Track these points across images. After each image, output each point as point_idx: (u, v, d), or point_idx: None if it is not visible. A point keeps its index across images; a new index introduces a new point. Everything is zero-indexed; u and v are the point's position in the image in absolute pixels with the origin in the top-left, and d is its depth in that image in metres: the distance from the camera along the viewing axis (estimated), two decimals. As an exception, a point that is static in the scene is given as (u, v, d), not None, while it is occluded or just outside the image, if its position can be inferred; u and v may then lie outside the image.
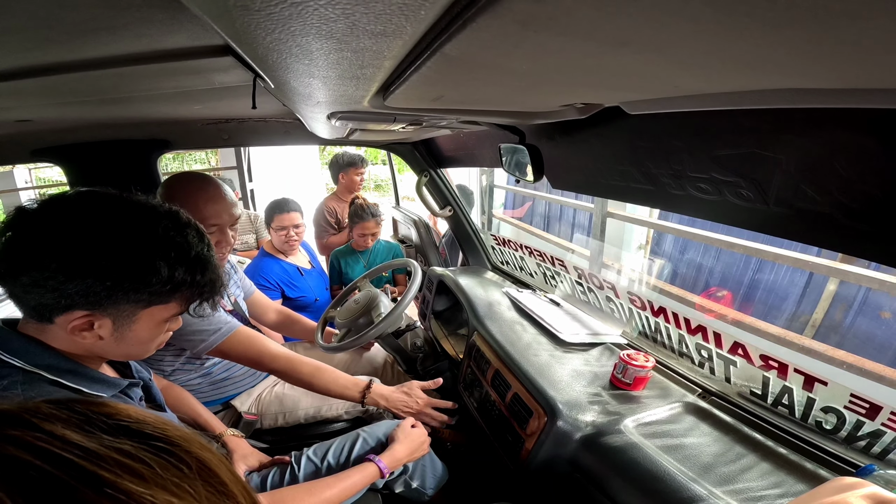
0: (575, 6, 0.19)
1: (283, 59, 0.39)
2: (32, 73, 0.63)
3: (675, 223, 3.42)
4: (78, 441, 0.23)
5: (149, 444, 0.25)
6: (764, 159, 0.59)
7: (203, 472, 0.26)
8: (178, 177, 1.22)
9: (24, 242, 0.59)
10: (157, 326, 0.69)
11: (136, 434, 0.25)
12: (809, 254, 2.39)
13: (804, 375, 0.87)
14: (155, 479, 0.23)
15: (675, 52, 0.25)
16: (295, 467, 1.07)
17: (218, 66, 0.69)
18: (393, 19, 0.24)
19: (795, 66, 0.32)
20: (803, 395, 0.89)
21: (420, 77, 0.42)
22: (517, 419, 1.04)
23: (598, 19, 0.20)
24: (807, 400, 0.88)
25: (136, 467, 0.23)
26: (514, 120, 0.84)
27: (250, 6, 0.25)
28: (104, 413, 0.26)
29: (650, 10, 0.20)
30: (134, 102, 1.00)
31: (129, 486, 0.22)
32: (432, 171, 1.90)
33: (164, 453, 0.25)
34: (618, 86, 0.42)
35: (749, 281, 3.22)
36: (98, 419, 0.25)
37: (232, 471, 0.28)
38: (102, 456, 0.22)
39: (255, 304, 1.62)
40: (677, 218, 3.50)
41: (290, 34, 0.30)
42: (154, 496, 0.22)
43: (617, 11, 0.19)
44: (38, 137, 1.42)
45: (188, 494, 0.24)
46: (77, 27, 0.48)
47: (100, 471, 0.22)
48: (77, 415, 0.24)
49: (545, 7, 0.19)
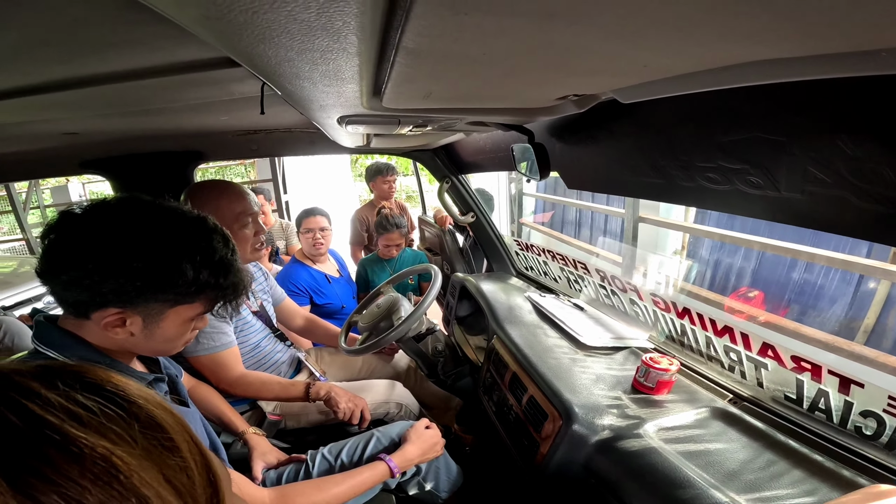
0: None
1: (267, 63, 0.42)
2: (68, 85, 0.69)
3: (711, 227, 3.28)
4: (38, 391, 0.26)
5: (101, 397, 0.28)
6: (768, 143, 0.57)
7: (149, 426, 0.28)
8: (200, 184, 1.34)
9: (66, 244, 0.65)
10: (184, 325, 0.74)
11: (94, 388, 0.28)
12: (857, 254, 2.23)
13: (839, 377, 0.82)
14: (96, 426, 0.26)
15: (606, 22, 0.25)
16: (310, 465, 1.09)
17: (232, 77, 0.74)
18: (336, 16, 0.26)
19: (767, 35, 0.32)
20: (840, 399, 0.83)
21: (399, 74, 0.44)
22: (532, 423, 1.02)
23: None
24: (844, 403, 0.82)
25: (80, 413, 0.26)
26: (518, 118, 0.84)
27: (212, 15, 0.28)
28: (74, 372, 0.29)
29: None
30: (165, 114, 1.08)
31: (67, 429, 0.25)
32: (453, 177, 1.92)
33: (113, 405, 0.28)
34: (589, 70, 0.42)
35: (796, 284, 3.04)
36: (67, 376, 0.28)
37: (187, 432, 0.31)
38: (54, 403, 0.26)
39: (283, 311, 1.69)
40: (714, 221, 3.37)
41: (257, 39, 0.32)
42: (88, 439, 0.25)
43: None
44: (86, 150, 1.55)
45: (126, 443, 0.27)
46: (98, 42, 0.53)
47: (47, 415, 0.25)
48: (49, 373, 0.28)
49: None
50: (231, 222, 1.23)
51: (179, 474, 0.28)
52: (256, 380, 1.31)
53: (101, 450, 0.25)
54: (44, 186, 6.46)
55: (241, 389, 1.29)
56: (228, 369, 1.28)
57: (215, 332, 1.24)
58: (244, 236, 1.27)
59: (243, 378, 1.29)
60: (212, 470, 0.31)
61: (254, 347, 1.44)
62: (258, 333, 1.47)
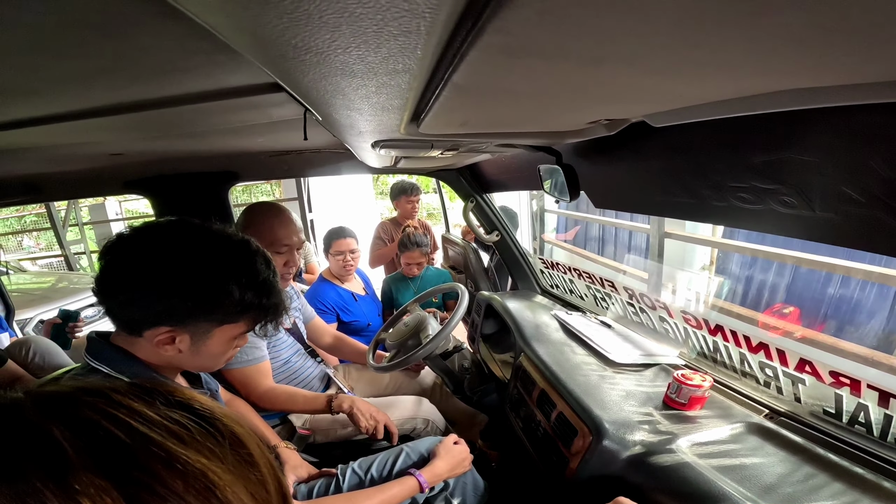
0: (537, 33, 0.22)
1: (323, 95, 0.45)
2: (123, 109, 0.74)
3: (741, 241, 3.20)
4: (139, 409, 0.28)
5: (194, 415, 0.30)
6: (801, 163, 0.57)
7: (234, 443, 0.30)
8: (258, 205, 1.43)
9: (122, 265, 0.69)
10: (228, 343, 0.77)
11: (186, 408, 0.30)
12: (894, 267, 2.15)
13: (878, 391, 0.80)
14: (193, 443, 0.28)
15: (652, 64, 0.27)
16: (340, 479, 1.11)
17: (273, 102, 0.78)
18: (399, 59, 0.29)
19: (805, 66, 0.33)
20: (880, 413, 0.82)
21: (442, 105, 0.47)
22: (562, 438, 1.02)
23: (564, 42, 0.23)
24: (884, 417, 0.81)
25: (179, 432, 0.28)
26: (547, 140, 0.86)
27: (286, 54, 0.31)
28: (165, 391, 0.31)
29: (614, 27, 0.22)
30: (207, 136, 1.14)
31: (172, 447, 0.27)
32: (478, 196, 1.95)
33: (204, 423, 0.30)
34: (626, 101, 0.44)
35: (832, 299, 2.93)
36: (159, 395, 0.31)
37: (262, 448, 0.33)
38: (155, 421, 0.28)
39: (313, 329, 1.74)
40: (744, 236, 3.29)
41: (323, 75, 0.35)
42: (189, 456, 0.27)
43: (579, 33, 0.22)
44: (129, 170, 1.64)
45: (217, 459, 0.28)
46: (156, 69, 0.57)
47: (151, 433, 0.27)
48: (143, 391, 0.30)
49: (517, 38, 0.23)
50: (267, 245, 1.28)
51: (260, 488, 0.30)
52: (283, 393, 1.34)
53: (199, 466, 0.27)
54: (82, 204, 6.74)
55: (268, 402, 1.32)
56: (258, 383, 1.32)
57: (249, 346, 1.28)
58: (274, 261, 1.32)
59: (271, 391, 1.33)
60: (281, 482, 0.33)
61: (285, 362, 1.48)
62: (289, 349, 1.51)
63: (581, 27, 0.22)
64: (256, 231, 1.30)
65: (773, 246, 2.85)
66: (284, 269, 1.35)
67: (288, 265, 1.36)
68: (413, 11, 0.20)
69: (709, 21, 0.20)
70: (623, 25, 0.21)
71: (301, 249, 1.41)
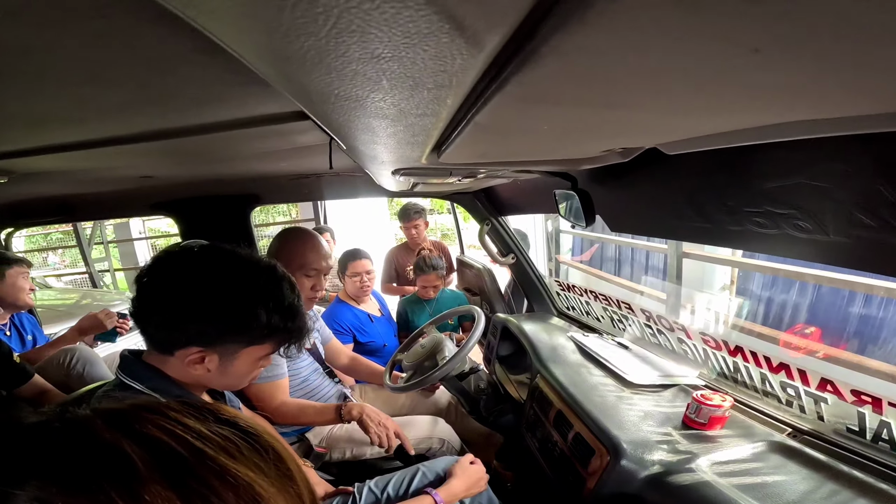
0: (553, 86, 0.25)
1: (353, 131, 0.49)
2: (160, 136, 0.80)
3: (761, 260, 3.15)
4: (193, 426, 0.31)
5: (241, 432, 0.32)
6: (814, 189, 0.59)
7: (276, 458, 0.32)
8: (292, 229, 1.50)
9: (158, 289, 0.73)
10: (253, 363, 0.80)
11: (233, 425, 0.33)
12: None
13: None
14: (241, 458, 0.30)
15: (660, 106, 0.30)
16: (357, 497, 1.11)
17: (299, 129, 0.83)
18: (430, 105, 0.32)
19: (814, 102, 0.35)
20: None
21: (464, 140, 0.50)
22: (579, 459, 1.01)
23: (578, 93, 0.26)
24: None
25: (229, 447, 0.30)
26: (563, 167, 0.89)
27: (327, 100, 0.34)
28: (212, 409, 0.34)
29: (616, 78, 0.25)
30: (233, 161, 1.19)
31: (224, 462, 0.29)
32: (493, 219, 1.97)
33: (251, 439, 0.32)
34: (636, 134, 0.47)
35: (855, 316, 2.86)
36: (209, 413, 0.33)
37: (297, 463, 0.35)
38: (208, 438, 0.30)
39: (331, 350, 1.76)
40: (764, 255, 3.23)
41: (357, 116, 0.39)
42: (239, 471, 0.29)
43: (591, 85, 0.25)
44: (156, 193, 1.72)
45: (262, 473, 0.30)
46: (196, 99, 0.62)
47: (206, 448, 0.29)
48: (194, 409, 0.33)
49: (535, 89, 0.25)
50: (297, 268, 1.33)
51: (297, 501, 0.32)
52: (295, 406, 1.37)
53: (247, 479, 0.29)
54: (107, 223, 6.95)
55: (280, 416, 1.35)
56: (273, 398, 1.35)
57: (271, 364, 1.30)
58: (302, 284, 1.36)
59: (283, 405, 1.36)
60: (314, 496, 0.35)
61: (303, 380, 1.51)
62: (308, 368, 1.54)
63: (593, 81, 0.24)
64: (288, 254, 1.35)
65: (795, 265, 2.80)
66: (311, 292, 1.39)
67: (315, 289, 1.40)
68: (448, 72, 0.23)
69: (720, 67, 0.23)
70: (633, 78, 0.24)
71: (328, 275, 1.46)
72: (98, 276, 5.93)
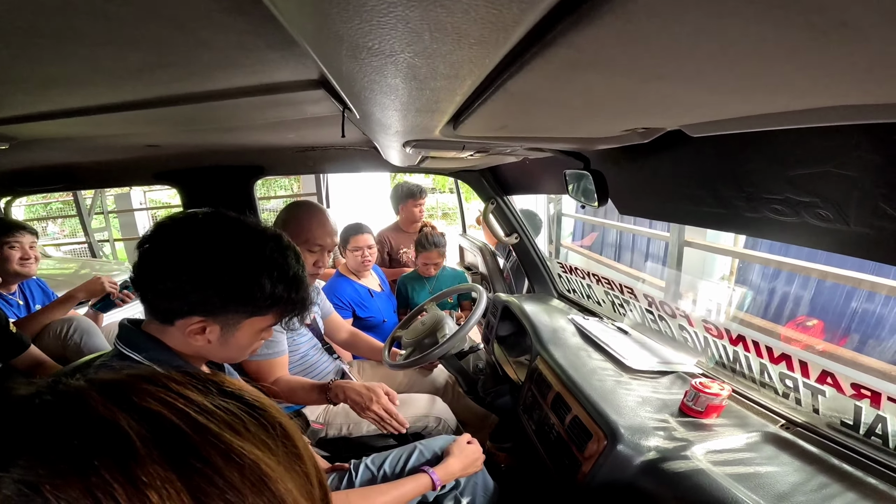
0: (608, 51, 0.23)
1: (374, 94, 0.47)
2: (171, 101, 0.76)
3: (763, 252, 3.15)
4: (196, 399, 0.29)
5: (247, 406, 0.30)
6: (840, 178, 0.57)
7: (283, 435, 0.31)
8: (300, 202, 1.47)
9: (161, 255, 0.70)
10: (255, 335, 0.79)
11: (238, 398, 0.31)
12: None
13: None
14: (247, 434, 0.28)
15: (714, 81, 0.28)
16: (353, 474, 1.12)
17: (311, 98, 0.80)
18: (465, 65, 0.30)
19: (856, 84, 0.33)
20: (897, 425, 0.82)
21: (486, 109, 0.48)
22: (575, 442, 1.02)
23: (633, 61, 0.24)
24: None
25: (234, 423, 0.29)
26: (578, 146, 0.87)
27: (357, 55, 0.32)
28: (216, 380, 0.32)
29: (680, 46, 0.23)
30: (240, 131, 1.16)
31: (228, 438, 0.27)
32: (499, 198, 1.95)
33: (257, 414, 0.30)
34: (670, 112, 0.45)
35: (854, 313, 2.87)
36: (212, 384, 0.31)
37: (303, 440, 0.33)
38: (212, 412, 0.28)
39: (330, 324, 1.76)
40: (766, 247, 3.23)
41: (384, 76, 0.37)
42: (244, 447, 0.27)
43: (648, 51, 0.23)
44: (160, 162, 1.69)
45: (269, 451, 0.29)
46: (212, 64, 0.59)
47: (209, 424, 0.28)
48: (198, 381, 0.31)
49: (585, 54, 0.23)
50: (301, 242, 1.31)
51: (305, 481, 0.30)
52: (286, 385, 1.34)
53: (253, 457, 0.27)
54: (108, 193, 6.88)
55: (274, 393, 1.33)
56: (270, 375, 1.34)
57: (271, 340, 1.30)
58: (305, 258, 1.33)
59: (276, 383, 1.35)
60: (322, 477, 0.33)
61: (302, 356, 1.51)
62: (307, 343, 1.54)
63: (651, 47, 0.22)
64: (294, 227, 1.33)
65: (797, 258, 2.80)
66: (313, 268, 1.37)
67: (317, 265, 1.39)
68: (497, 24, 0.21)
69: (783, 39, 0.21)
70: (698, 46, 0.22)
71: (332, 252, 1.44)
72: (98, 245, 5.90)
